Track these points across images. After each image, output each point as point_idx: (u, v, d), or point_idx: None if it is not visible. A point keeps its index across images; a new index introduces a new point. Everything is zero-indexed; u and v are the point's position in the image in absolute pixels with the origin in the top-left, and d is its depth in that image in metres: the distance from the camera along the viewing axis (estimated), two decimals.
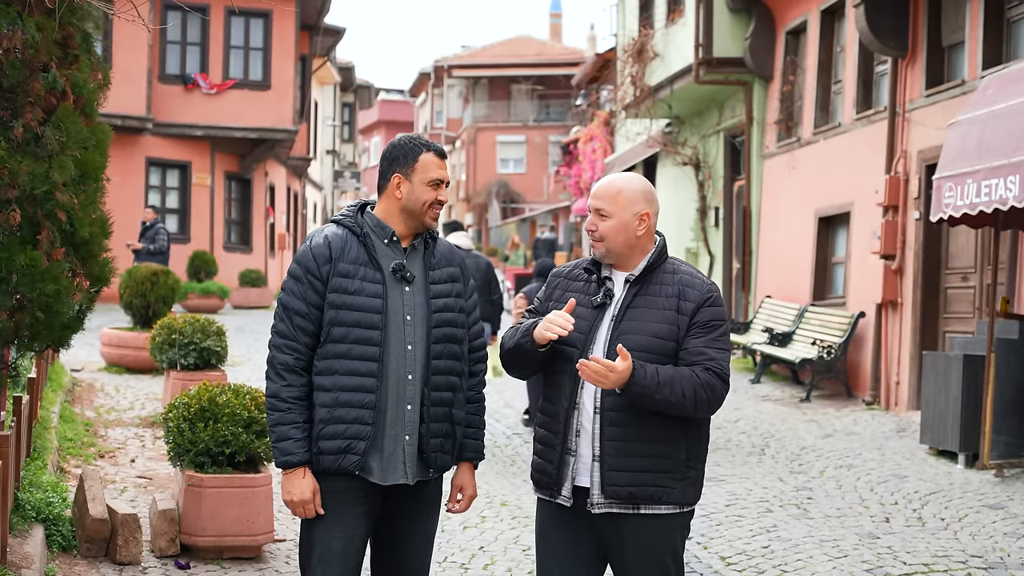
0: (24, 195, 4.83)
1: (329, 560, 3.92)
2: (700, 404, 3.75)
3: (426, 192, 3.98)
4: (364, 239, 3.98)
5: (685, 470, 3.83)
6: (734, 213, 18.60)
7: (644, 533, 3.82)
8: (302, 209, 37.00)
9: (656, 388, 3.69)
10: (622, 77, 20.96)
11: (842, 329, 13.81)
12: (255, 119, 26.16)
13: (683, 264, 3.96)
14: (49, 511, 6.25)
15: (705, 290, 3.85)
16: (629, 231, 3.86)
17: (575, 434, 3.83)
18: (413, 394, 3.95)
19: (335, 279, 3.91)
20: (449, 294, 4.05)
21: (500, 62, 53.10)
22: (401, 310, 3.95)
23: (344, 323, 3.89)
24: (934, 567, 6.80)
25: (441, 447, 4.01)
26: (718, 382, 3.77)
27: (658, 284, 3.87)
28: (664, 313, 3.82)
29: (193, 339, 10.43)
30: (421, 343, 3.97)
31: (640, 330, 3.80)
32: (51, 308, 4.98)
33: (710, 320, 3.82)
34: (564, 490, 3.85)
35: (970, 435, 9.80)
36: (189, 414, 6.45)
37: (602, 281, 3.92)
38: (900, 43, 13.02)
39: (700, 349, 3.78)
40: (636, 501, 3.78)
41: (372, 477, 3.92)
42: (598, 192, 3.92)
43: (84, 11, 5.17)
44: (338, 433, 3.88)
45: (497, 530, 7.46)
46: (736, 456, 10.21)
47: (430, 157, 4.00)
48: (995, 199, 8.64)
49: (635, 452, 3.77)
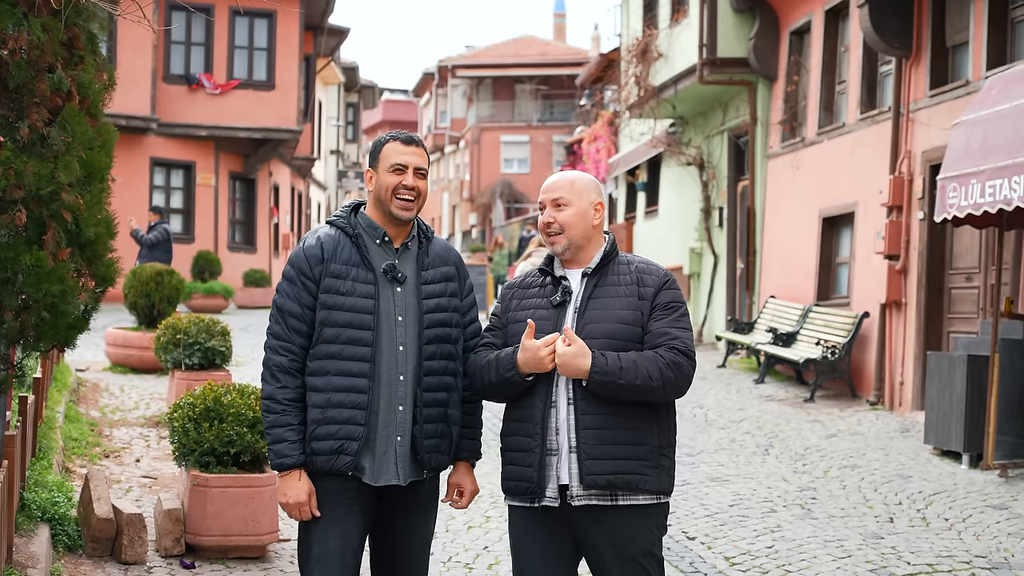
0: (30, 195, 4.84)
1: (327, 561, 3.93)
2: (668, 384, 3.78)
3: (389, 177, 3.98)
4: (357, 240, 3.99)
5: (659, 457, 3.86)
6: (738, 213, 18.60)
7: (623, 527, 3.82)
8: (306, 209, 37.03)
9: (619, 373, 3.72)
10: (626, 77, 20.96)
11: (846, 329, 13.80)
12: (259, 119, 26.18)
13: (635, 256, 4.04)
14: (54, 511, 6.26)
15: (662, 275, 3.95)
16: (587, 220, 3.94)
17: (554, 432, 3.84)
18: (405, 395, 3.95)
19: (327, 280, 3.92)
20: (443, 294, 4.05)
21: (504, 62, 53.08)
22: (392, 311, 3.96)
23: (336, 323, 3.90)
24: (938, 567, 6.79)
25: (436, 447, 4.01)
26: (684, 359, 3.81)
27: (615, 275, 3.93)
28: (626, 300, 3.87)
29: (198, 339, 10.45)
30: (413, 344, 3.97)
31: (604, 318, 3.85)
32: (57, 308, 4.99)
33: (669, 302, 3.89)
34: (549, 491, 3.84)
35: (974, 435, 9.80)
36: (194, 414, 6.46)
37: (558, 280, 3.95)
38: (904, 43, 13.02)
39: (663, 330, 3.84)
40: (614, 489, 3.79)
41: (364, 478, 3.93)
42: (553, 184, 3.99)
43: (89, 12, 5.18)
44: (331, 434, 3.89)
45: (501, 530, 7.46)
46: (740, 456, 10.21)
47: (393, 144, 4.02)
48: (999, 199, 8.64)
49: (611, 440, 3.79)
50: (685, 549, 7.13)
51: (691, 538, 7.39)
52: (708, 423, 11.81)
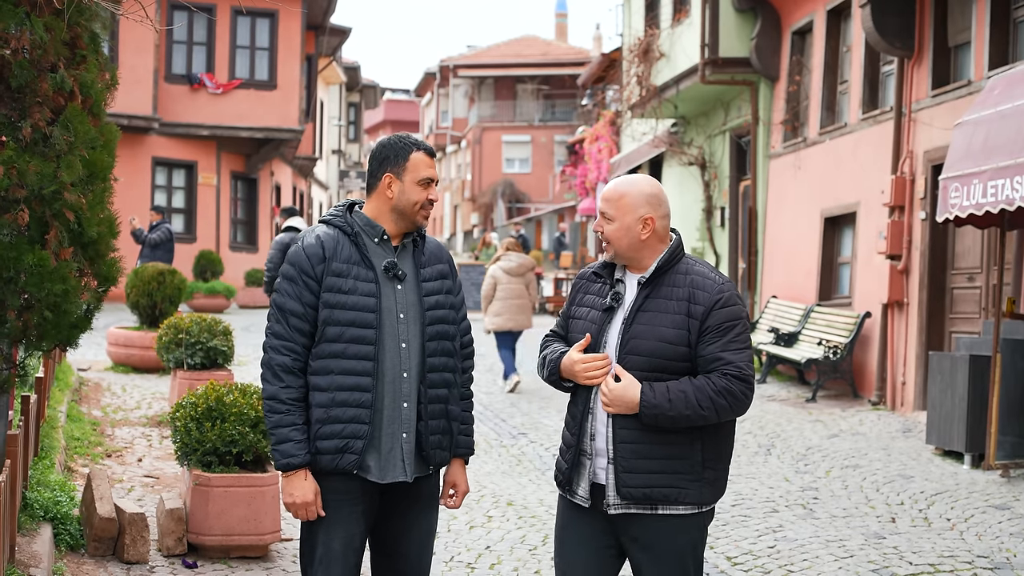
0: (32, 195, 4.84)
1: (330, 561, 3.94)
2: (722, 410, 3.73)
3: (417, 191, 3.99)
4: (355, 238, 3.99)
5: (701, 471, 3.81)
6: (740, 213, 18.59)
7: (662, 532, 3.82)
8: (308, 209, 37.03)
9: (668, 406, 3.70)
10: (628, 77, 20.96)
11: (848, 329, 13.80)
12: (261, 119, 26.19)
13: (697, 263, 3.90)
14: (57, 510, 6.26)
15: (716, 291, 3.78)
16: (632, 235, 3.86)
17: (590, 437, 3.86)
18: (409, 391, 3.96)
19: (329, 279, 3.92)
20: (440, 291, 4.07)
21: (506, 62, 53.12)
22: (394, 308, 3.97)
23: (339, 322, 3.90)
24: (940, 567, 6.79)
25: (439, 444, 4.03)
26: (738, 385, 3.72)
27: (669, 286, 3.84)
28: (674, 317, 3.78)
29: (200, 339, 10.45)
30: (415, 341, 3.98)
31: (649, 335, 3.79)
32: (59, 307, 4.99)
33: (723, 322, 3.76)
34: (580, 491, 3.88)
35: (976, 435, 9.79)
36: (196, 413, 6.46)
37: (613, 284, 3.93)
38: (906, 43, 13.01)
39: (715, 355, 3.74)
40: (652, 502, 3.79)
41: (370, 476, 3.93)
42: (604, 195, 3.95)
43: (92, 11, 5.18)
44: (335, 433, 3.89)
45: (503, 530, 7.47)
46: (742, 456, 10.20)
47: (420, 156, 4.02)
48: (1001, 199, 8.64)
49: (648, 454, 3.78)
50: None
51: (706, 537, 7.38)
52: None
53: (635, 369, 3.77)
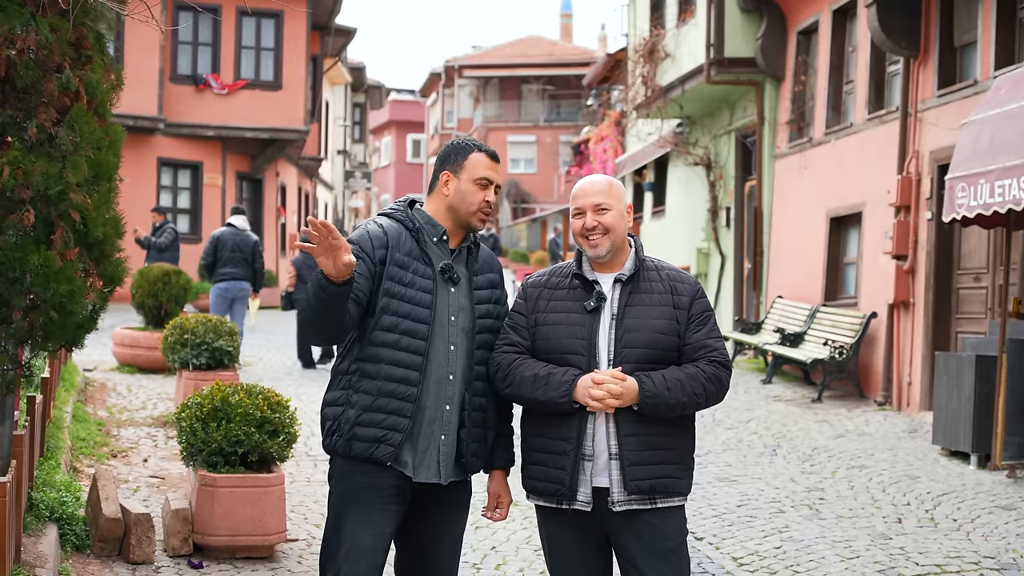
0: (38, 195, 4.85)
1: (357, 556, 3.89)
2: (710, 396, 3.88)
3: (473, 190, 3.98)
4: (417, 234, 3.98)
5: (688, 460, 3.96)
6: (745, 213, 18.58)
7: (662, 526, 3.88)
8: (313, 209, 37.04)
9: (668, 394, 3.78)
10: (633, 77, 20.94)
11: (854, 329, 13.78)
12: (266, 119, 26.20)
13: (659, 260, 4.05)
14: (63, 510, 6.26)
15: (692, 283, 3.98)
16: (624, 221, 3.96)
17: (590, 438, 3.86)
18: (453, 395, 3.95)
19: (391, 268, 3.89)
20: (490, 300, 4.07)
21: (511, 62, 53.06)
22: (447, 310, 3.96)
23: (396, 312, 3.87)
24: (946, 568, 6.78)
25: (478, 452, 4.04)
26: (723, 371, 3.89)
27: (647, 281, 3.94)
28: (661, 309, 3.89)
29: (205, 339, 10.45)
30: (463, 345, 3.98)
31: (642, 327, 3.86)
32: (65, 308, 4.99)
33: (703, 311, 3.94)
34: (581, 495, 3.87)
35: (982, 436, 9.78)
36: (202, 414, 6.46)
37: (589, 284, 3.94)
38: (912, 43, 13.00)
39: (702, 342, 3.89)
40: (654, 494, 3.85)
41: (406, 470, 3.91)
42: (590, 189, 3.97)
43: (97, 12, 5.18)
44: (376, 422, 3.87)
45: (509, 530, 7.46)
46: (748, 456, 10.19)
47: (480, 156, 4.01)
48: (1008, 199, 8.62)
49: (651, 445, 3.84)
50: (693, 549, 7.11)
51: (699, 538, 7.38)
52: (715, 423, 11.79)
53: (630, 362, 3.83)
